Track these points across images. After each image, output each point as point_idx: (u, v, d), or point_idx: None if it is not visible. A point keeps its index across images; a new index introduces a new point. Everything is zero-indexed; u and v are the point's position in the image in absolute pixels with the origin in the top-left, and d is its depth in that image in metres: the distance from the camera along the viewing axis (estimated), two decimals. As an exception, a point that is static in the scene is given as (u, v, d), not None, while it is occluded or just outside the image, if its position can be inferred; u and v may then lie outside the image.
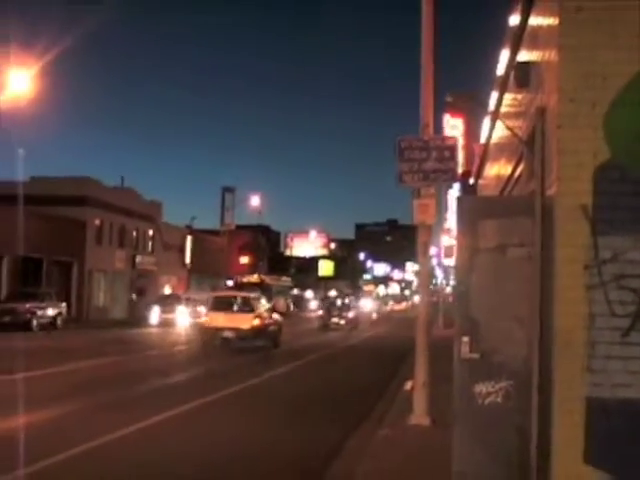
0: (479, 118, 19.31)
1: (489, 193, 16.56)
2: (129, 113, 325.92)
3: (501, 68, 11.31)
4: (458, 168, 13.43)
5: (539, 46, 7.72)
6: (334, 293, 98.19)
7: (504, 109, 11.98)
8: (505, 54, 10.58)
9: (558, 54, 6.34)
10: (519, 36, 9.29)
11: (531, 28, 8.50)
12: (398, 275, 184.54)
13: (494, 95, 12.68)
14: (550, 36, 6.79)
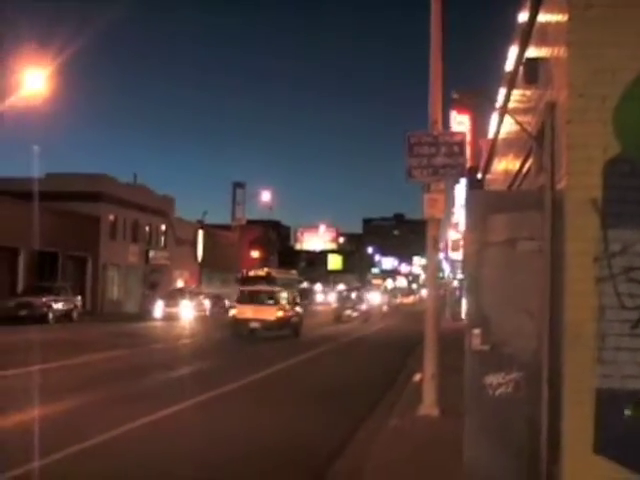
0: (485, 114, 19.27)
1: (497, 188, 16.49)
2: (141, 110, 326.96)
3: (509, 64, 11.25)
4: (467, 163, 13.40)
5: (548, 42, 7.66)
6: (343, 286, 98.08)
7: (512, 105, 11.92)
8: (514, 51, 10.52)
9: (567, 50, 6.29)
10: (528, 33, 9.23)
11: (540, 25, 8.44)
12: (405, 269, 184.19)
13: (502, 91, 12.62)
14: (559, 32, 6.74)
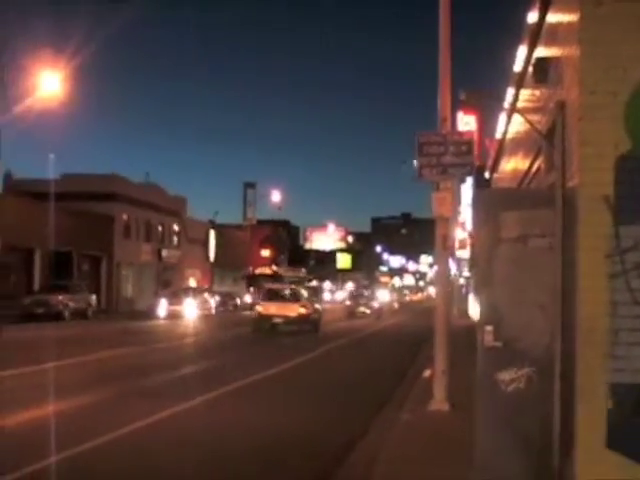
0: (492, 114, 19.15)
1: (504, 186, 16.40)
2: (153, 110, 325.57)
3: (518, 65, 11.15)
4: (475, 162, 13.31)
5: (558, 41, 7.58)
6: (351, 284, 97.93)
7: (521, 104, 11.83)
8: (522, 50, 10.42)
9: (579, 48, 6.20)
10: (537, 32, 9.15)
11: (549, 24, 8.35)
12: (412, 267, 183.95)
13: (510, 91, 12.52)
14: (570, 31, 6.66)
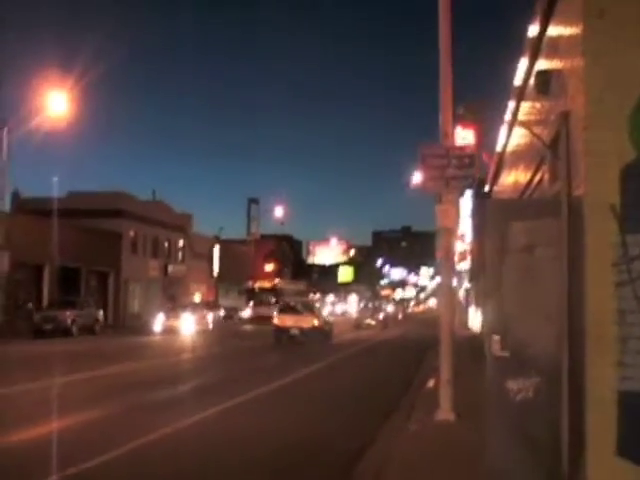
0: (491, 126, 19.11)
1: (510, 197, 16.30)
2: (158, 128, 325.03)
3: (518, 78, 11.09)
4: (477, 175, 13.23)
5: (560, 53, 7.51)
6: (354, 297, 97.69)
7: (522, 117, 11.76)
8: (523, 63, 10.36)
9: (583, 59, 6.13)
10: (538, 45, 9.09)
11: (551, 36, 8.29)
12: (412, 279, 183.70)
13: (511, 104, 12.47)
14: (573, 42, 6.58)
